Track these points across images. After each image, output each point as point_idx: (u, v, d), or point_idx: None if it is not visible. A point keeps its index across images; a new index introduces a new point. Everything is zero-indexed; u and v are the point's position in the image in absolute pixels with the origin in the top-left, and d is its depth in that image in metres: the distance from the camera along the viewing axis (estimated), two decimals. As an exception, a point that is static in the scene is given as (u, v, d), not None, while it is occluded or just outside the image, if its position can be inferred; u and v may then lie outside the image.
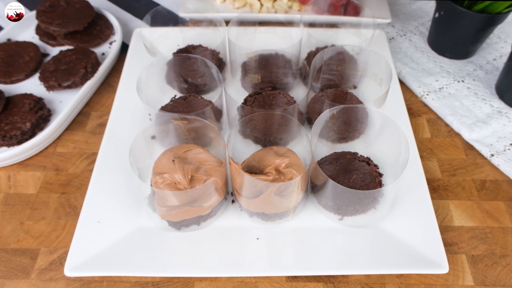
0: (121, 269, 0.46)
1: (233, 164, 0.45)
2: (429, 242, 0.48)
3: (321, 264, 0.47)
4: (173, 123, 0.52)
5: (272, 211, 0.48)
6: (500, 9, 0.64)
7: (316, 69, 0.61)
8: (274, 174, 0.47)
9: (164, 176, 0.46)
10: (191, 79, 0.62)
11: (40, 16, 0.71)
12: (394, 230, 0.49)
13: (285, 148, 0.51)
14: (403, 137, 0.48)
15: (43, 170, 0.58)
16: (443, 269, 0.45)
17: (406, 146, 0.48)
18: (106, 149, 0.56)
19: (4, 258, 0.49)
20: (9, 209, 0.54)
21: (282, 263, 0.47)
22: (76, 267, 0.46)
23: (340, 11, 0.77)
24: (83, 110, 0.66)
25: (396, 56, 0.74)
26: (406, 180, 0.52)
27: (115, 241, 0.48)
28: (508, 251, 0.50)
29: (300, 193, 0.48)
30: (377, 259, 0.47)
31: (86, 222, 0.49)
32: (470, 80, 0.70)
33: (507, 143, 0.60)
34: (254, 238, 0.49)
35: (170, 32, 0.72)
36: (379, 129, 0.57)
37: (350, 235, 0.49)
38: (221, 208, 0.51)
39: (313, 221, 0.51)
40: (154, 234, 0.49)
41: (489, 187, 0.56)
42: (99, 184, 0.53)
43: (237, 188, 0.48)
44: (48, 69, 0.66)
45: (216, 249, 0.48)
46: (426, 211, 0.50)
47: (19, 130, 0.58)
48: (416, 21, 0.82)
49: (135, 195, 0.52)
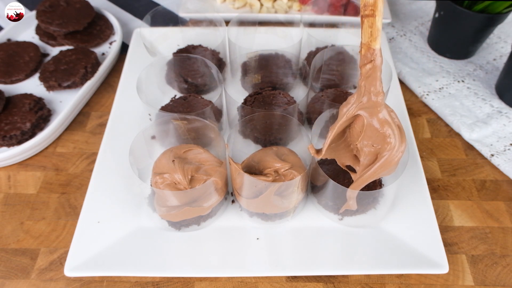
0: (121, 269, 0.46)
1: (233, 164, 0.45)
2: (429, 242, 0.48)
3: (321, 264, 0.47)
4: (173, 123, 0.52)
5: (272, 211, 0.48)
6: (500, 9, 0.64)
7: (316, 69, 0.61)
8: (274, 175, 0.47)
9: (164, 176, 0.46)
10: (191, 79, 0.62)
11: (40, 16, 0.71)
12: (394, 230, 0.49)
13: (285, 149, 0.51)
14: None
15: (43, 170, 0.58)
16: (443, 269, 0.45)
17: (407, 147, 0.47)
18: (106, 149, 0.56)
19: (4, 258, 0.49)
20: (9, 209, 0.54)
21: (282, 263, 0.47)
22: (76, 267, 0.46)
23: (340, 11, 0.77)
24: (83, 110, 0.66)
25: (396, 56, 0.74)
26: (406, 180, 0.52)
27: (115, 241, 0.48)
28: (508, 251, 0.50)
29: (300, 193, 0.48)
30: (377, 259, 0.47)
31: (86, 222, 0.50)
32: (470, 80, 0.70)
33: (507, 143, 0.60)
34: (254, 238, 0.49)
35: (170, 32, 0.72)
36: None
37: (350, 235, 0.49)
38: (221, 208, 0.51)
39: (313, 221, 0.51)
40: (154, 234, 0.49)
41: (489, 187, 0.56)
42: (99, 184, 0.53)
43: (237, 188, 0.48)
44: (48, 69, 0.66)
45: (216, 249, 0.48)
46: (426, 211, 0.50)
47: (19, 130, 0.58)
48: (416, 21, 0.82)
49: (135, 195, 0.52)
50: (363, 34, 0.38)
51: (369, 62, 0.39)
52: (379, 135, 0.42)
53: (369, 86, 0.40)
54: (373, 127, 0.42)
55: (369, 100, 0.41)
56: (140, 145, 0.49)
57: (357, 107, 0.41)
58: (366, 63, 0.39)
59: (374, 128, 0.42)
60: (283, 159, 0.48)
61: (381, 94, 0.40)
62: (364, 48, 0.39)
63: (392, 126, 0.42)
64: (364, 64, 0.39)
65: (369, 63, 0.39)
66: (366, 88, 0.40)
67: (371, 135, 0.42)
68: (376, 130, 0.42)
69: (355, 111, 0.42)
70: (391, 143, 0.41)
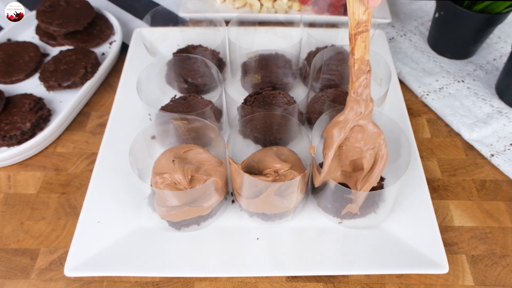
0: (121, 269, 0.46)
1: (233, 164, 0.45)
2: (429, 242, 0.48)
3: (321, 264, 0.47)
4: (173, 123, 0.52)
5: (272, 211, 0.48)
6: (500, 9, 0.64)
7: (316, 69, 0.61)
8: (274, 175, 0.47)
9: (164, 176, 0.46)
10: (191, 79, 0.62)
11: (40, 16, 0.71)
12: (394, 230, 0.49)
13: (285, 149, 0.51)
14: (404, 138, 0.48)
15: (43, 170, 0.58)
16: (443, 269, 0.45)
17: (407, 147, 0.48)
18: (106, 149, 0.56)
19: (4, 258, 0.49)
20: (9, 209, 0.54)
21: (282, 263, 0.47)
22: (76, 267, 0.46)
23: (340, 11, 0.77)
24: (83, 110, 0.66)
25: (396, 56, 0.74)
26: (407, 180, 0.52)
27: (115, 241, 0.48)
28: (508, 251, 0.50)
29: (300, 194, 0.48)
30: (377, 259, 0.47)
31: (86, 222, 0.49)
32: (470, 80, 0.70)
33: (507, 143, 0.60)
34: (254, 238, 0.49)
35: (170, 32, 0.72)
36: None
37: (350, 235, 0.49)
38: (221, 208, 0.51)
39: (313, 221, 0.51)
40: (154, 234, 0.49)
41: (489, 187, 0.56)
42: (99, 184, 0.53)
43: (237, 188, 0.48)
44: (48, 69, 0.66)
45: (216, 249, 0.48)
46: (426, 211, 0.50)
47: (19, 130, 0.58)
48: (416, 21, 0.82)
49: (135, 195, 0.52)
50: (357, 50, 0.39)
51: (365, 73, 0.40)
52: (373, 135, 0.44)
53: (365, 95, 0.42)
54: (371, 131, 0.44)
55: (366, 108, 0.42)
56: (140, 145, 0.49)
57: (357, 119, 0.43)
58: (361, 75, 0.40)
59: (371, 132, 0.44)
60: (283, 159, 0.48)
61: (372, 99, 0.43)
62: (357, 63, 0.40)
63: (374, 122, 0.44)
64: (359, 77, 0.40)
65: (364, 74, 0.40)
66: (363, 97, 0.42)
67: (369, 139, 0.45)
68: (372, 133, 0.44)
69: (355, 123, 0.43)
70: (383, 138, 0.44)
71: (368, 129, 0.44)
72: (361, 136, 0.45)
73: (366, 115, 0.43)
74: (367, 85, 0.41)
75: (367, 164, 0.45)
